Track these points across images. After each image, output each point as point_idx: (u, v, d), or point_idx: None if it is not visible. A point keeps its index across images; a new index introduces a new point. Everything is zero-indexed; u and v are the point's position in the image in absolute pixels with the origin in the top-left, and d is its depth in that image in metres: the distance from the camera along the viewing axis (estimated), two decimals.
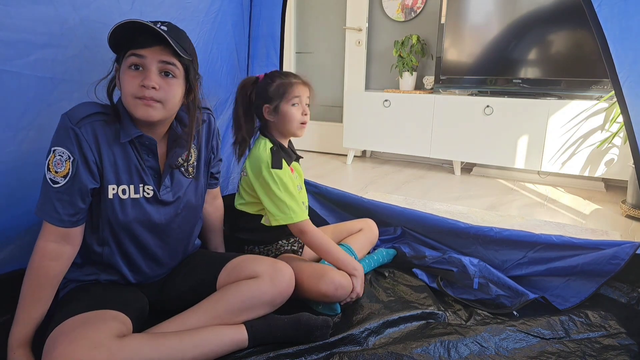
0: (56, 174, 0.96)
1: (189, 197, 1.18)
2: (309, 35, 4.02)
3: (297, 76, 1.42)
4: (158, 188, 1.10)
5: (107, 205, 1.04)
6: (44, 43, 1.12)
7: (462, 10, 3.10)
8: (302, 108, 1.40)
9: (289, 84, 1.38)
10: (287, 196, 1.32)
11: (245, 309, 1.10)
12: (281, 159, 1.35)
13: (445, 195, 2.76)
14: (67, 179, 0.97)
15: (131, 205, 1.07)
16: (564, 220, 2.30)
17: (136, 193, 1.07)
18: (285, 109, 1.38)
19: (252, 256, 1.24)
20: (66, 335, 0.89)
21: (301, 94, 1.39)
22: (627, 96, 1.11)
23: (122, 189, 1.05)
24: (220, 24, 1.69)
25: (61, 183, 0.97)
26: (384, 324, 1.21)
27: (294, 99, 1.38)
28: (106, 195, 1.03)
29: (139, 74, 0.98)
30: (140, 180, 1.07)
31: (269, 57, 1.94)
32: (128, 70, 0.98)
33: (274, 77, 1.40)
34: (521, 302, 1.32)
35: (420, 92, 3.36)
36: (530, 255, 1.49)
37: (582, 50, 2.77)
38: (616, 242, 1.39)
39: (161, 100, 1.00)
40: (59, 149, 0.96)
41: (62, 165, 0.96)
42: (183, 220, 1.19)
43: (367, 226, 1.64)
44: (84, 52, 1.20)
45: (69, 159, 0.96)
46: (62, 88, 1.18)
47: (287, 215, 1.31)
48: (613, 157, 2.71)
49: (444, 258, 1.52)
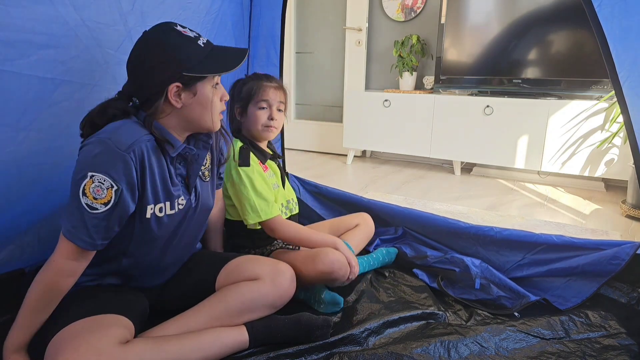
0: (95, 200, 0.91)
1: (207, 200, 1.19)
2: (309, 35, 4.02)
3: (271, 79, 1.42)
4: (189, 195, 1.10)
5: (144, 225, 1.02)
6: (45, 43, 1.12)
7: (462, 10, 3.10)
8: (270, 112, 1.39)
9: (259, 87, 1.38)
10: (253, 194, 1.32)
11: (245, 311, 1.10)
12: (248, 157, 1.36)
13: (445, 195, 2.76)
14: (107, 207, 0.92)
15: (167, 221, 1.06)
16: (564, 220, 2.30)
17: (172, 209, 1.06)
18: (252, 111, 1.39)
19: (252, 257, 1.24)
20: (69, 342, 0.88)
21: (270, 97, 1.38)
22: (627, 96, 1.11)
23: (159, 207, 1.04)
24: (220, 24, 1.69)
25: (100, 210, 0.92)
26: (384, 324, 1.21)
27: (261, 102, 1.38)
28: (144, 215, 1.01)
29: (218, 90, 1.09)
30: (174, 195, 1.06)
31: (269, 57, 1.95)
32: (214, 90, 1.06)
33: (249, 79, 1.42)
34: (522, 304, 1.32)
35: (420, 92, 3.36)
36: (530, 256, 1.49)
37: (582, 50, 2.77)
38: (616, 242, 1.39)
39: None
40: (99, 176, 0.90)
41: (103, 193, 0.91)
42: (196, 223, 1.18)
43: (363, 221, 1.63)
44: (85, 53, 1.20)
45: (111, 187, 0.91)
46: (62, 88, 1.18)
47: (255, 214, 1.32)
48: (613, 157, 2.71)
49: (446, 258, 1.52)
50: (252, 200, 1.32)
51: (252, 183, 1.33)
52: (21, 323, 0.96)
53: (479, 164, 3.36)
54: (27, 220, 1.20)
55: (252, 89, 1.39)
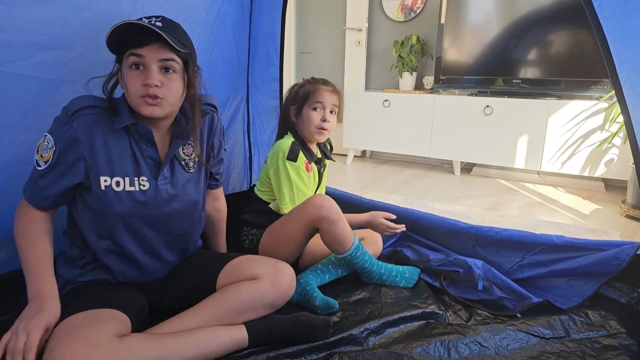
0: (41, 157, 1.01)
1: (189, 192, 1.17)
2: (309, 35, 4.02)
3: (327, 83, 1.51)
4: (156, 179, 1.09)
5: (100, 197, 1.04)
6: (46, 45, 1.12)
7: (462, 10, 3.10)
8: (324, 114, 1.46)
9: (314, 89, 1.47)
10: (288, 189, 1.42)
11: (245, 311, 1.10)
12: (298, 154, 1.43)
13: (445, 195, 2.76)
14: (47, 165, 1.01)
15: (126, 198, 1.06)
16: (564, 220, 2.30)
17: (131, 185, 1.06)
18: (307, 112, 1.47)
19: (253, 257, 1.24)
20: (66, 336, 0.89)
21: (324, 100, 1.46)
22: (627, 96, 1.11)
23: (116, 181, 1.04)
24: (220, 24, 1.69)
25: (41, 167, 1.01)
26: (384, 324, 1.21)
27: (316, 104, 1.46)
28: (98, 186, 1.03)
29: (141, 73, 0.99)
30: (135, 172, 1.06)
31: (269, 57, 1.94)
32: (130, 70, 0.99)
33: (306, 82, 1.52)
34: (524, 305, 1.31)
35: (420, 92, 3.36)
36: (530, 256, 1.48)
37: (582, 50, 2.77)
38: (616, 242, 1.39)
39: (164, 97, 1.01)
40: (48, 136, 1.01)
41: (47, 152, 1.00)
42: (183, 215, 1.17)
43: (371, 238, 1.60)
44: (86, 54, 1.20)
45: (53, 147, 1.00)
46: (63, 89, 1.18)
47: (282, 205, 1.43)
48: (613, 157, 2.71)
49: (449, 260, 1.51)
50: (291, 193, 1.42)
51: (295, 177, 1.42)
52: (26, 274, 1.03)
53: (478, 164, 3.36)
54: None
55: (309, 91, 1.47)
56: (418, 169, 3.50)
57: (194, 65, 1.09)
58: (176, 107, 1.08)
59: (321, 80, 1.52)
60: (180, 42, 1.01)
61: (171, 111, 1.06)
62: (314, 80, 1.52)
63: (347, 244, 1.34)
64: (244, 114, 1.99)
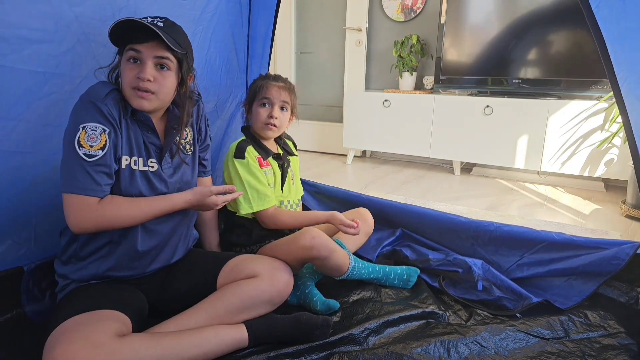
0: (91, 148, 1.00)
1: (186, 174, 1.23)
2: (309, 35, 4.02)
3: (278, 78, 1.48)
4: (160, 162, 1.15)
5: (119, 176, 1.07)
6: (38, 39, 1.14)
7: (462, 10, 3.10)
8: (271, 110, 1.43)
9: (263, 85, 1.45)
10: (246, 185, 1.38)
11: (244, 309, 1.11)
12: (244, 151, 1.40)
13: (445, 195, 2.77)
14: (105, 151, 1.01)
15: (140, 177, 1.11)
16: (564, 220, 2.31)
17: (144, 165, 1.12)
18: (255, 108, 1.46)
19: (251, 256, 1.25)
20: (66, 335, 0.89)
21: (272, 95, 1.43)
22: (625, 97, 1.11)
23: (134, 160, 1.10)
24: (218, 22, 1.69)
25: (99, 155, 1.00)
26: (384, 324, 1.21)
27: (264, 100, 1.44)
28: (120, 165, 1.07)
29: (136, 66, 1.05)
30: (147, 154, 1.13)
31: (265, 57, 1.95)
32: (127, 63, 1.06)
33: (258, 79, 1.50)
34: (524, 305, 1.32)
35: (420, 92, 3.36)
36: (529, 255, 1.48)
37: (582, 50, 2.77)
38: (616, 241, 1.39)
39: (155, 92, 1.07)
40: (90, 124, 1.00)
41: (98, 139, 1.00)
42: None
43: (361, 216, 1.58)
44: (76, 47, 1.22)
45: (104, 131, 1.01)
46: (53, 81, 1.20)
47: (247, 204, 1.38)
48: (613, 157, 2.71)
49: (449, 260, 1.51)
50: (245, 190, 1.37)
51: (245, 175, 1.38)
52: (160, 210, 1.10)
53: (479, 164, 3.36)
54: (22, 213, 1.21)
55: (257, 87, 1.45)
56: (418, 169, 3.51)
57: (189, 66, 1.15)
58: (166, 103, 1.13)
59: (272, 76, 1.49)
60: (178, 43, 1.07)
61: (160, 106, 1.12)
62: (265, 75, 1.50)
63: (342, 270, 1.34)
64: (243, 114, 2.00)
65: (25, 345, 1.11)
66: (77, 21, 1.21)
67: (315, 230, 1.28)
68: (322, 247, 1.25)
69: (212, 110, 1.79)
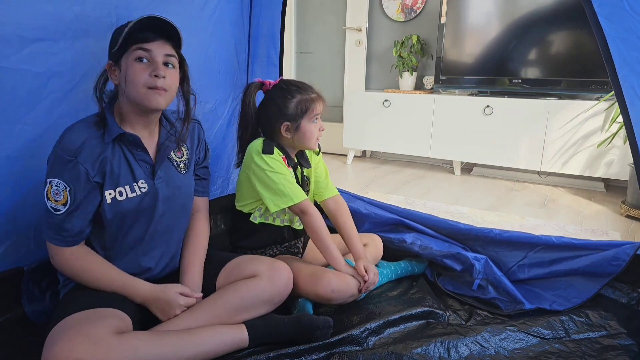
0: (56, 202, 1.01)
1: (183, 191, 1.21)
2: (309, 35, 4.02)
3: (313, 89, 1.38)
4: (152, 179, 1.12)
5: (107, 211, 1.06)
6: (38, 38, 1.14)
7: (462, 10, 3.10)
8: (320, 124, 1.38)
9: (311, 101, 1.33)
10: (281, 177, 1.29)
11: (244, 308, 1.11)
12: (273, 148, 1.32)
13: (445, 195, 2.76)
14: (67, 207, 1.01)
15: (127, 205, 1.08)
16: (564, 221, 2.30)
17: (132, 192, 1.09)
18: (306, 126, 1.34)
19: (251, 256, 1.25)
20: (66, 332, 0.89)
21: (320, 109, 1.36)
22: (627, 96, 1.11)
23: (119, 191, 1.07)
24: (217, 21, 1.68)
25: (62, 211, 1.01)
26: (384, 324, 1.21)
27: (315, 116, 1.35)
28: (105, 202, 1.05)
29: (147, 66, 1.03)
30: (133, 178, 1.09)
31: (269, 57, 1.94)
32: (135, 63, 1.02)
33: (292, 91, 1.34)
34: (515, 309, 1.32)
35: (420, 92, 3.36)
36: (530, 255, 1.48)
37: (582, 50, 2.77)
38: (616, 242, 1.39)
39: (167, 89, 1.06)
40: (55, 180, 1.01)
41: (61, 195, 1.01)
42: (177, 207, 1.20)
43: (372, 242, 1.54)
44: (75, 45, 1.22)
45: (65, 189, 1.01)
46: (53, 81, 1.19)
47: (285, 197, 1.28)
48: (613, 157, 2.71)
49: (452, 254, 1.49)
50: (282, 184, 1.28)
51: (280, 169, 1.30)
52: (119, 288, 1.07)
53: (479, 164, 3.36)
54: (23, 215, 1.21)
55: (305, 104, 1.33)
56: (418, 169, 3.50)
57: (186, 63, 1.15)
58: (172, 100, 1.11)
59: (308, 88, 1.37)
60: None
61: (169, 104, 1.10)
62: (300, 88, 1.35)
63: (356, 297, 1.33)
64: None
65: (26, 345, 1.10)
66: (77, 20, 1.21)
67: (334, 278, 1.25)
68: (341, 296, 1.25)
69: (210, 109, 1.78)
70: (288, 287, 1.18)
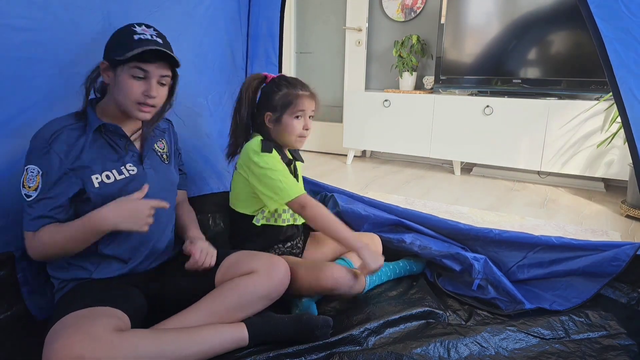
0: (29, 188, 1.05)
1: (169, 176, 1.28)
2: (309, 35, 4.02)
3: (305, 87, 1.39)
4: (141, 164, 1.18)
5: (96, 194, 1.09)
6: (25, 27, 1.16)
7: (462, 10, 3.10)
8: (305, 122, 1.37)
9: (296, 96, 1.35)
10: (279, 175, 1.30)
11: (243, 305, 1.11)
12: (271, 147, 1.33)
13: (445, 195, 2.77)
14: (38, 192, 1.05)
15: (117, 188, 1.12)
16: (564, 221, 2.30)
17: (120, 174, 1.14)
18: (288, 121, 1.36)
19: (249, 252, 1.25)
20: (65, 330, 0.90)
21: (306, 107, 1.36)
22: (625, 97, 1.11)
23: (106, 175, 1.12)
24: (212, 18, 1.67)
25: (33, 196, 1.05)
26: (384, 324, 1.21)
27: (298, 112, 1.35)
28: (92, 186, 1.09)
29: (142, 83, 1.09)
30: (121, 162, 1.15)
31: (268, 57, 1.94)
32: (130, 79, 1.08)
33: (281, 84, 1.37)
34: (515, 309, 1.32)
35: (420, 92, 3.36)
36: (530, 256, 1.48)
37: (582, 50, 2.77)
38: (616, 242, 1.39)
39: (156, 105, 1.14)
40: (30, 167, 1.05)
41: (34, 180, 1.05)
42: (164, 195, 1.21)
43: (372, 241, 1.54)
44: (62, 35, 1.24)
45: (38, 173, 1.05)
46: (37, 67, 1.21)
47: (283, 193, 1.29)
48: (613, 157, 2.71)
49: (451, 254, 1.50)
50: (280, 180, 1.29)
51: (278, 167, 1.31)
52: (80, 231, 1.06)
53: (479, 164, 3.36)
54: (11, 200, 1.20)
55: (290, 98, 1.35)
56: (418, 169, 3.51)
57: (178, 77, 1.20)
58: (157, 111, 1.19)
59: (298, 84, 1.39)
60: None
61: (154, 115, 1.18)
62: (289, 83, 1.38)
63: (359, 290, 1.33)
64: None
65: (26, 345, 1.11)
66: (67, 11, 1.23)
67: (336, 268, 1.26)
68: (344, 285, 1.26)
69: (204, 105, 1.77)
70: (285, 281, 1.18)
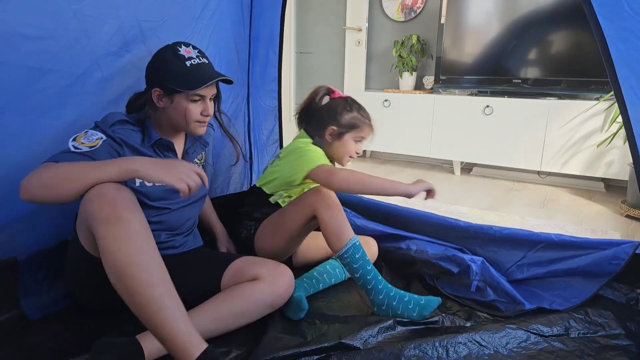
0: (82, 144, 1.06)
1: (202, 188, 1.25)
2: (309, 35, 4.02)
3: (370, 118, 1.51)
4: None
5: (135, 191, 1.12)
6: (36, 36, 1.15)
7: (462, 10, 3.10)
8: (359, 148, 1.50)
9: (363, 122, 1.47)
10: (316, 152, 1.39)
11: (248, 312, 1.14)
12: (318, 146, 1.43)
13: (445, 195, 2.76)
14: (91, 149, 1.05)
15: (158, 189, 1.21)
16: (563, 221, 2.30)
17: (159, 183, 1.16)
18: (349, 140, 1.47)
19: (254, 258, 1.26)
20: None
21: (367, 136, 1.50)
22: (626, 96, 1.11)
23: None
24: (218, 21, 1.68)
25: (82, 149, 1.05)
26: (382, 325, 1.20)
27: (360, 137, 1.48)
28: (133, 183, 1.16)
29: (199, 105, 1.22)
30: None
31: (269, 58, 1.94)
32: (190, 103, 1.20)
33: (353, 107, 1.48)
34: (516, 310, 1.31)
35: (420, 92, 3.36)
36: (530, 255, 1.48)
37: (582, 50, 2.77)
38: (615, 240, 1.39)
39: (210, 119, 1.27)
40: (91, 131, 1.10)
41: (91, 140, 1.07)
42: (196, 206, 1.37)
43: (367, 245, 1.52)
44: (74, 44, 1.23)
45: (100, 138, 1.09)
46: (49, 77, 1.20)
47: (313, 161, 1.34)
48: (613, 157, 2.71)
49: (447, 256, 1.50)
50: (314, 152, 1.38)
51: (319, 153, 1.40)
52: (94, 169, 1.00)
53: (479, 164, 3.36)
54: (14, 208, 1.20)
55: (358, 123, 1.47)
56: (418, 169, 3.50)
57: None
58: None
59: (366, 112, 1.50)
60: None
61: None
62: (361, 108, 1.50)
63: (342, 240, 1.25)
64: (244, 114, 1.99)
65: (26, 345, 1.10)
66: (76, 18, 1.21)
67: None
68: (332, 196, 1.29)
69: None
70: (289, 291, 1.20)
